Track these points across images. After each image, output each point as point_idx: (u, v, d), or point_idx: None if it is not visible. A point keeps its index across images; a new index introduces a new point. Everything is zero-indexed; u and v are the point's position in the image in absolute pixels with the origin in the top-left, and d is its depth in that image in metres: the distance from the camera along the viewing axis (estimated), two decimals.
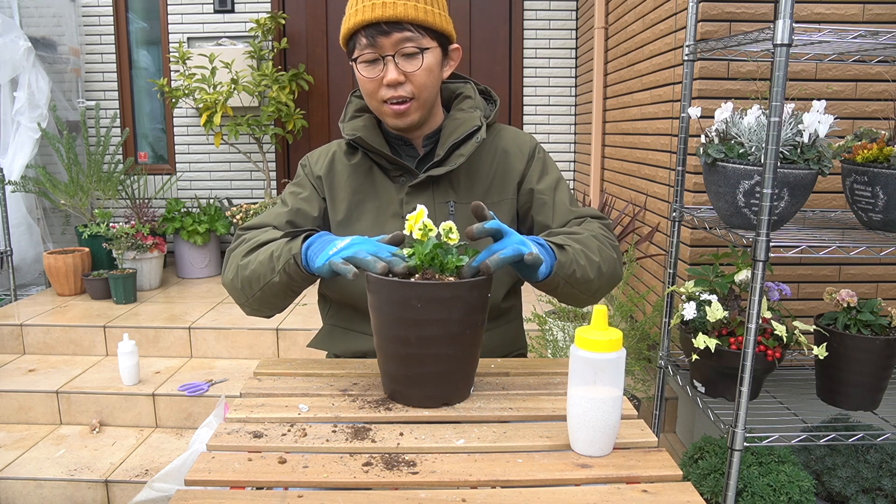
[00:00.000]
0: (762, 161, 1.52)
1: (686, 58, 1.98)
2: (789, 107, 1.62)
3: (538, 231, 1.31)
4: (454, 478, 0.85)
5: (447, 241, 1.00)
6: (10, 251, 3.74)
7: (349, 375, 1.18)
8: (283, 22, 4.19)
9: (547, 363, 1.27)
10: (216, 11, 4.34)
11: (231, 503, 0.82)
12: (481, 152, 1.33)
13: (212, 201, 4.39)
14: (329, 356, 1.44)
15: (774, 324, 1.68)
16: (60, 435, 2.71)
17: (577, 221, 1.29)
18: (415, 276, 1.01)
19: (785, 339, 1.68)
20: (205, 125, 3.87)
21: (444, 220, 1.01)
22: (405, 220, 1.01)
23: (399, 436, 0.96)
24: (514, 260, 1.00)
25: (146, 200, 4.14)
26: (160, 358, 3.19)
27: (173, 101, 3.94)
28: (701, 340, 1.70)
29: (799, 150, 1.60)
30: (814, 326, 1.80)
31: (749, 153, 1.63)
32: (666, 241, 2.60)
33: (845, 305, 1.77)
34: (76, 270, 3.76)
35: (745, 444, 1.61)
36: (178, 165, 4.54)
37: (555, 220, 1.29)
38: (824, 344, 1.72)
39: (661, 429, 2.30)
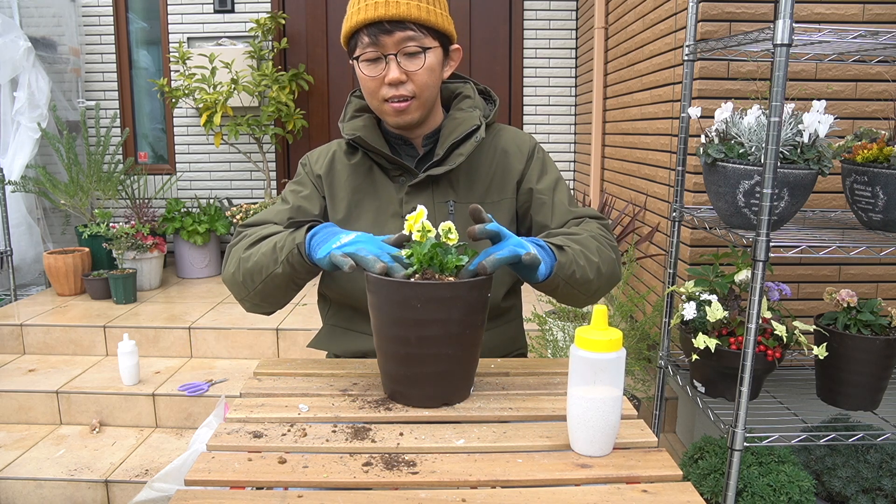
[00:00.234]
0: (762, 161, 1.52)
1: (686, 58, 1.98)
2: (789, 107, 1.62)
3: (537, 231, 1.31)
4: (454, 478, 0.85)
5: (446, 241, 1.00)
6: (10, 251, 3.74)
7: (349, 375, 1.18)
8: (283, 22, 4.19)
9: (547, 363, 1.27)
10: (216, 11, 4.34)
11: (231, 503, 0.82)
12: (481, 152, 1.33)
13: (212, 201, 4.39)
14: (329, 356, 1.44)
15: (774, 324, 1.68)
16: (60, 435, 2.71)
17: (576, 222, 1.29)
18: (415, 276, 1.01)
19: (785, 339, 1.68)
20: (205, 125, 3.87)
21: (443, 220, 1.02)
22: (405, 219, 1.01)
23: (399, 436, 0.96)
24: (510, 261, 1.00)
25: (146, 200, 4.14)
26: (160, 358, 3.19)
27: (173, 101, 3.94)
28: (701, 340, 1.70)
29: (799, 150, 1.60)
30: (814, 326, 1.80)
31: (749, 153, 1.63)
32: (666, 241, 2.60)
33: (845, 305, 1.77)
34: (76, 270, 3.76)
35: (745, 444, 1.61)
36: (178, 165, 4.54)
37: (553, 220, 1.30)
38: (824, 344, 1.72)
39: (661, 429, 2.30)
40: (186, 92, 3.86)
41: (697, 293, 1.84)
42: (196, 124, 4.41)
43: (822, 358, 1.71)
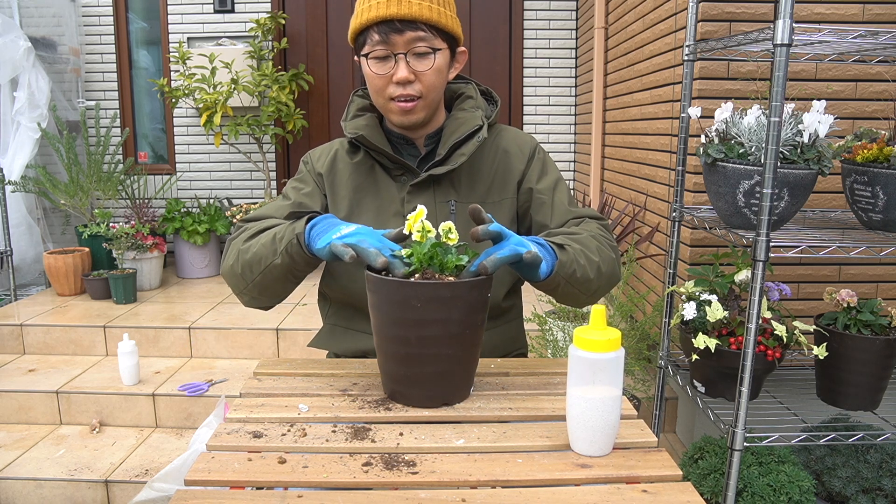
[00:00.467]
0: (762, 161, 1.52)
1: (686, 58, 1.98)
2: (789, 107, 1.62)
3: (536, 230, 1.31)
4: (454, 478, 0.85)
5: (446, 240, 1.00)
6: (10, 251, 3.74)
7: (349, 375, 1.18)
8: (283, 22, 4.19)
9: (547, 363, 1.27)
10: (216, 11, 4.34)
11: (231, 503, 0.82)
12: (482, 152, 1.33)
13: (212, 201, 4.39)
14: (329, 356, 1.44)
15: (774, 324, 1.68)
16: (60, 435, 2.71)
17: (576, 222, 1.30)
18: (415, 275, 1.01)
19: (785, 339, 1.68)
20: (205, 125, 3.87)
21: (445, 220, 1.02)
22: (406, 219, 1.01)
23: (399, 436, 0.96)
24: (511, 260, 1.00)
25: (146, 200, 4.14)
26: (160, 358, 3.19)
27: (173, 101, 3.94)
28: (701, 340, 1.70)
29: (799, 150, 1.60)
30: (814, 326, 1.80)
31: (749, 153, 1.63)
32: (666, 241, 2.60)
33: (845, 305, 1.77)
34: (76, 270, 3.76)
35: (745, 444, 1.61)
36: (178, 165, 4.54)
37: (553, 220, 1.30)
38: (824, 344, 1.72)
39: (661, 429, 2.30)
40: (186, 92, 3.86)
41: (697, 293, 1.84)
42: (196, 124, 4.41)
43: (822, 358, 1.71)
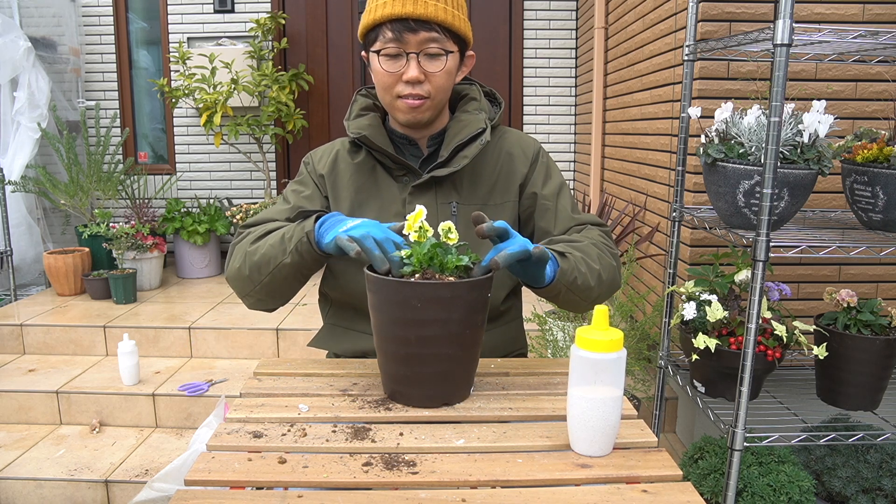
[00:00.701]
0: (762, 161, 1.52)
1: (686, 58, 1.98)
2: (789, 107, 1.62)
3: (539, 236, 1.32)
4: (454, 478, 0.85)
5: (446, 241, 1.00)
6: (10, 251, 3.74)
7: (349, 375, 1.18)
8: (283, 22, 4.19)
9: (547, 363, 1.28)
10: (216, 11, 4.34)
11: (231, 503, 0.82)
12: (485, 154, 1.33)
13: (212, 201, 4.39)
14: (329, 356, 1.44)
15: (774, 324, 1.68)
16: (60, 435, 2.71)
17: (578, 228, 1.31)
18: (415, 275, 1.01)
19: (785, 339, 1.68)
20: (205, 125, 3.87)
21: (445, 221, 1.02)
22: (407, 220, 1.01)
23: (399, 436, 0.96)
24: (521, 256, 1.00)
25: (146, 200, 4.14)
26: (160, 358, 3.19)
27: (173, 101, 3.94)
28: (701, 340, 1.70)
29: (799, 150, 1.60)
30: (814, 326, 1.80)
31: (749, 153, 1.63)
32: (666, 241, 2.60)
33: (845, 305, 1.77)
34: (76, 270, 3.76)
35: (745, 444, 1.61)
36: (178, 165, 4.54)
37: (556, 226, 1.31)
38: (824, 344, 1.72)
39: (661, 429, 2.30)
40: (186, 92, 3.86)
41: (697, 293, 1.84)
42: (196, 124, 4.41)
43: (822, 358, 1.71)
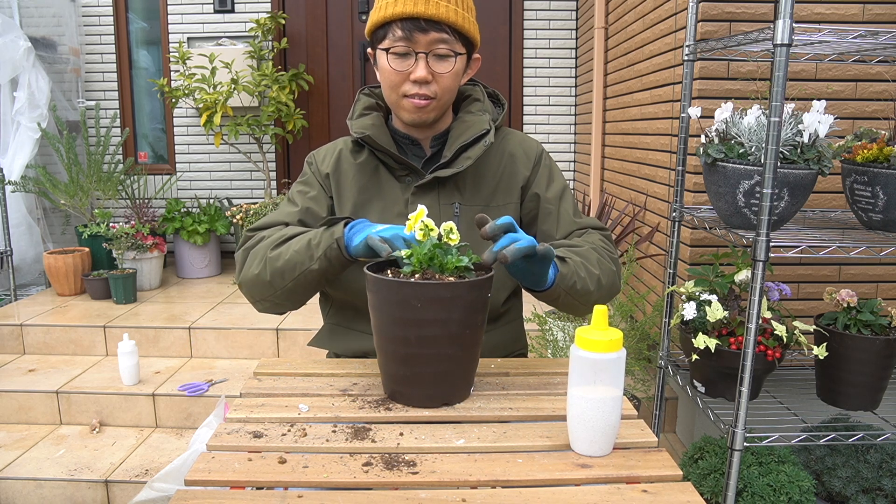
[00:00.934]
0: (762, 161, 1.52)
1: (686, 58, 1.98)
2: (789, 107, 1.62)
3: (541, 240, 1.33)
4: (454, 478, 0.85)
5: (447, 241, 1.00)
6: (10, 251, 3.74)
7: (349, 375, 1.18)
8: (283, 22, 4.19)
9: (547, 363, 1.28)
10: (216, 11, 4.34)
11: (231, 503, 0.82)
12: (488, 155, 1.33)
13: (212, 201, 4.39)
14: (330, 355, 1.44)
15: (774, 324, 1.68)
16: (60, 435, 2.71)
17: (579, 232, 1.32)
18: (415, 275, 1.01)
19: (785, 339, 1.68)
20: (205, 125, 3.87)
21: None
22: (408, 220, 1.01)
23: (399, 436, 0.96)
24: (528, 252, 1.01)
25: (146, 200, 4.14)
26: (160, 358, 3.19)
27: (173, 101, 3.94)
28: (701, 340, 1.70)
29: (799, 150, 1.60)
30: (814, 326, 1.80)
31: (749, 153, 1.63)
32: (666, 241, 2.60)
33: (845, 305, 1.77)
34: (76, 270, 3.76)
35: (745, 444, 1.61)
36: (178, 165, 4.53)
37: (559, 230, 1.32)
38: (824, 344, 1.72)
39: (661, 429, 2.30)
40: (186, 92, 3.86)
41: (697, 293, 1.84)
42: (196, 124, 4.41)
43: (822, 358, 1.71)
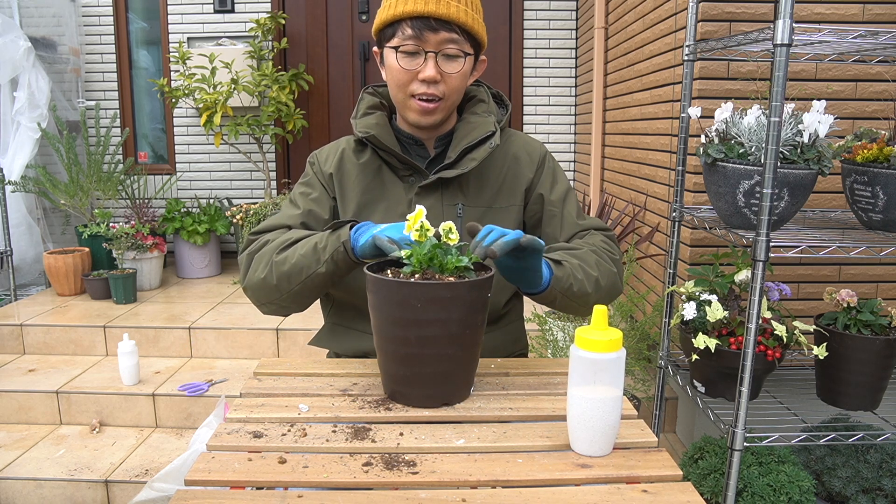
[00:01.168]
0: (762, 161, 1.52)
1: (686, 58, 1.98)
2: (789, 107, 1.62)
3: (545, 242, 1.32)
4: (454, 478, 0.85)
5: (447, 241, 1.00)
6: (10, 251, 3.74)
7: (349, 375, 1.18)
8: (283, 22, 4.19)
9: (547, 363, 1.28)
10: (216, 11, 4.34)
11: (231, 503, 0.82)
12: (492, 157, 1.33)
13: (212, 201, 4.39)
14: (330, 355, 1.44)
15: (774, 324, 1.68)
16: (60, 435, 2.71)
17: (582, 234, 1.32)
18: (415, 276, 1.01)
19: (785, 339, 1.68)
20: (205, 125, 3.87)
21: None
22: (407, 220, 1.02)
23: (399, 436, 0.96)
24: (515, 245, 1.01)
25: (146, 200, 4.14)
26: (160, 358, 3.19)
27: (173, 101, 3.94)
28: (701, 340, 1.70)
29: (799, 150, 1.60)
30: (814, 326, 1.80)
31: (749, 153, 1.63)
32: (666, 241, 2.60)
33: (845, 305, 1.77)
34: (76, 270, 3.76)
35: (745, 444, 1.61)
36: (178, 165, 4.54)
37: (562, 233, 1.32)
38: (824, 344, 1.72)
39: (661, 429, 2.30)
40: (186, 92, 3.86)
41: (697, 293, 1.84)
42: (196, 124, 4.41)
43: (822, 358, 1.71)
